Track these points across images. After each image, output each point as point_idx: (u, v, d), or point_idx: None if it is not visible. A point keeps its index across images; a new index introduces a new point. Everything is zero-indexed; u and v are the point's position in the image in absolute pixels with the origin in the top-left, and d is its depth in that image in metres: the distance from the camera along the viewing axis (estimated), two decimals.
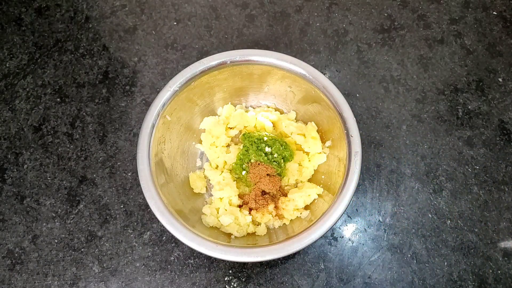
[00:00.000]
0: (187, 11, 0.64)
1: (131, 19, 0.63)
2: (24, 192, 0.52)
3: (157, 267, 0.48)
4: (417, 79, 0.58)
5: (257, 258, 0.38)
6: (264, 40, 0.62)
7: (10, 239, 0.50)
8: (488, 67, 0.59)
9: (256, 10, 0.64)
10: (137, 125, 0.56)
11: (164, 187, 0.43)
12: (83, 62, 0.60)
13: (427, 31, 0.62)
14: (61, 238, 0.50)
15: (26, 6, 0.65)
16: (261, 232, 0.46)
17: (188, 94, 0.48)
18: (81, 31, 0.63)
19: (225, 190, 0.47)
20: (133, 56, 0.61)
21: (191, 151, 0.52)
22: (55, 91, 0.58)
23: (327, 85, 0.45)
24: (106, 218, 0.50)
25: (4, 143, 0.55)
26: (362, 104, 0.56)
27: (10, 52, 0.61)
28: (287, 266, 0.48)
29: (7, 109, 0.57)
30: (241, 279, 0.47)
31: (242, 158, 0.48)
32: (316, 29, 0.62)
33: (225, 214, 0.46)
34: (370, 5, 0.64)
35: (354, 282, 0.47)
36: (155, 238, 0.49)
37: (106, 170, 0.53)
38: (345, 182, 0.41)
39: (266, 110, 0.53)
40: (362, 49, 0.61)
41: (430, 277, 0.47)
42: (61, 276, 0.48)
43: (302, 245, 0.39)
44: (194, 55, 0.61)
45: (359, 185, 0.51)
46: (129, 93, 0.58)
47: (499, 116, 0.56)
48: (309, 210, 0.47)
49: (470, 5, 0.64)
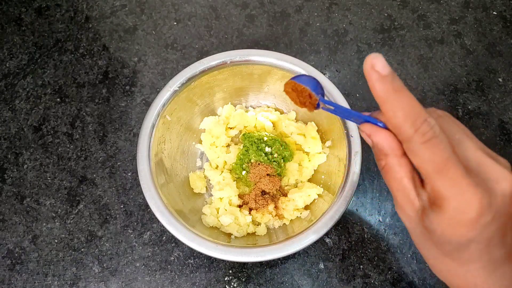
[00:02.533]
0: (187, 11, 0.64)
1: (131, 19, 0.63)
2: (24, 192, 0.52)
3: (157, 267, 0.48)
4: (417, 79, 0.59)
5: (257, 258, 0.38)
6: (264, 40, 0.62)
7: (10, 239, 0.50)
8: (488, 67, 0.59)
9: (256, 10, 0.64)
10: (137, 125, 0.56)
11: (164, 187, 0.43)
12: (83, 62, 0.60)
13: (427, 31, 0.62)
14: (61, 238, 0.50)
15: (26, 6, 0.65)
16: (261, 232, 0.46)
17: (188, 94, 0.48)
18: (81, 31, 0.63)
19: (225, 190, 0.47)
20: (133, 56, 0.61)
21: (191, 151, 0.52)
22: (55, 91, 0.58)
23: (327, 85, 0.45)
24: (106, 218, 0.50)
25: (4, 143, 0.55)
26: (362, 104, 0.56)
27: (10, 52, 0.61)
28: (287, 266, 0.48)
29: (7, 109, 0.57)
30: (241, 279, 0.47)
31: (242, 158, 0.48)
32: (316, 29, 0.62)
33: (225, 214, 0.46)
34: (370, 5, 0.64)
35: (354, 282, 0.47)
36: (155, 238, 0.49)
37: (106, 170, 0.53)
38: (345, 182, 0.41)
39: (266, 110, 0.53)
40: (362, 49, 0.61)
41: (430, 277, 0.47)
42: (61, 276, 0.48)
43: (302, 245, 0.39)
44: (194, 55, 0.61)
45: (359, 185, 0.51)
46: (129, 93, 0.58)
47: (499, 116, 0.56)
48: (309, 210, 0.47)
49: (470, 5, 0.64)
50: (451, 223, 0.23)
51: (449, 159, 0.22)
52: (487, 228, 0.22)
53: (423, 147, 0.23)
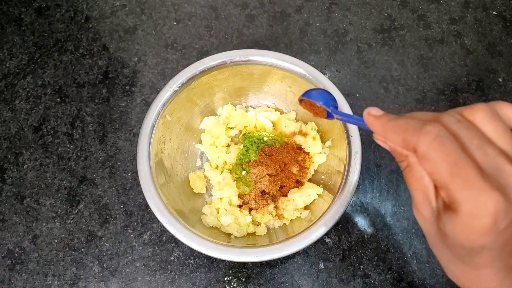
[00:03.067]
0: (187, 11, 0.64)
1: (131, 19, 0.63)
2: (24, 192, 0.52)
3: (157, 267, 0.48)
4: (417, 79, 0.59)
5: (257, 258, 0.38)
6: (264, 40, 0.62)
7: (10, 239, 0.50)
8: (488, 67, 0.59)
9: (256, 10, 0.64)
10: (137, 125, 0.56)
11: (164, 187, 0.43)
12: (83, 62, 0.60)
13: (427, 31, 0.62)
14: (61, 238, 0.50)
15: (26, 6, 0.65)
16: (261, 232, 0.46)
17: (188, 94, 0.48)
18: (81, 31, 0.63)
19: (225, 190, 0.47)
20: (133, 56, 0.61)
21: (191, 151, 0.52)
22: (55, 91, 0.58)
23: (327, 85, 0.45)
24: (106, 218, 0.50)
25: (4, 143, 0.55)
26: (362, 104, 0.56)
27: (10, 52, 0.61)
28: (287, 266, 0.48)
29: (7, 109, 0.57)
30: (241, 279, 0.47)
31: (242, 158, 0.48)
32: (316, 29, 0.62)
33: (225, 214, 0.46)
34: (370, 5, 0.64)
35: (354, 282, 0.47)
36: (155, 238, 0.49)
37: (106, 170, 0.53)
38: (345, 182, 0.41)
39: (266, 110, 0.53)
40: (362, 49, 0.61)
41: (430, 277, 0.47)
42: (61, 276, 0.48)
43: (302, 245, 0.39)
44: (194, 55, 0.61)
45: (359, 185, 0.51)
46: (129, 93, 0.58)
47: None
48: (309, 210, 0.47)
49: (470, 5, 0.64)
50: (463, 228, 0.22)
51: (460, 159, 0.22)
52: (501, 235, 0.21)
53: (431, 148, 0.23)
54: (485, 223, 0.21)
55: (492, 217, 0.21)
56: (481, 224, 0.21)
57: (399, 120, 0.25)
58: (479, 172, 0.21)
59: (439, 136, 0.22)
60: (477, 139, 0.23)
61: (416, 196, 0.26)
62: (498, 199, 0.21)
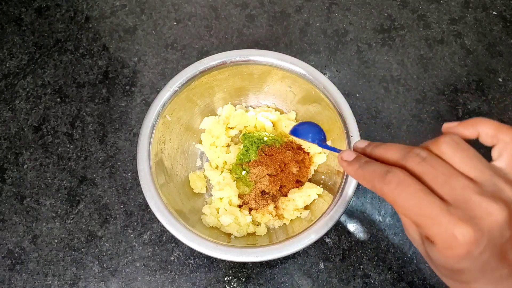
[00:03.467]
0: (187, 11, 0.64)
1: (131, 19, 0.63)
2: (24, 192, 0.52)
3: (157, 267, 0.48)
4: (417, 79, 0.59)
5: (257, 258, 0.38)
6: (264, 40, 0.62)
7: (10, 239, 0.50)
8: (488, 67, 0.59)
9: (256, 10, 0.64)
10: (137, 125, 0.56)
11: (164, 187, 0.43)
12: (83, 62, 0.60)
13: (427, 31, 0.62)
14: (61, 238, 0.50)
15: (26, 6, 0.65)
16: (261, 232, 0.46)
17: (188, 94, 0.48)
18: (81, 31, 0.63)
19: (225, 190, 0.47)
20: (133, 56, 0.61)
21: (191, 151, 0.52)
22: (55, 91, 0.58)
23: (327, 85, 0.45)
24: (106, 218, 0.50)
25: (4, 143, 0.55)
26: (362, 104, 0.57)
27: (10, 52, 0.61)
28: (287, 266, 0.48)
29: (7, 109, 0.57)
30: (241, 279, 0.47)
31: (242, 158, 0.48)
32: (316, 29, 0.62)
33: (225, 214, 0.46)
34: (370, 5, 0.64)
35: (354, 282, 0.47)
36: (155, 238, 0.49)
37: (106, 170, 0.53)
38: (345, 182, 0.41)
39: (266, 110, 0.53)
40: (362, 49, 0.61)
41: (430, 277, 0.47)
42: (61, 276, 0.48)
43: (302, 245, 0.39)
44: (194, 55, 0.61)
45: (359, 185, 0.51)
46: (129, 93, 0.58)
47: (499, 116, 0.56)
48: (309, 210, 0.47)
49: (470, 5, 0.64)
50: (441, 256, 0.24)
51: (422, 200, 0.23)
52: (479, 258, 0.23)
53: (395, 195, 0.24)
54: (459, 252, 0.22)
55: (464, 247, 0.22)
56: (455, 253, 0.23)
57: (368, 167, 0.27)
58: (444, 208, 0.23)
59: (399, 183, 0.24)
60: (441, 176, 0.24)
61: (403, 220, 0.28)
62: (466, 230, 0.22)
